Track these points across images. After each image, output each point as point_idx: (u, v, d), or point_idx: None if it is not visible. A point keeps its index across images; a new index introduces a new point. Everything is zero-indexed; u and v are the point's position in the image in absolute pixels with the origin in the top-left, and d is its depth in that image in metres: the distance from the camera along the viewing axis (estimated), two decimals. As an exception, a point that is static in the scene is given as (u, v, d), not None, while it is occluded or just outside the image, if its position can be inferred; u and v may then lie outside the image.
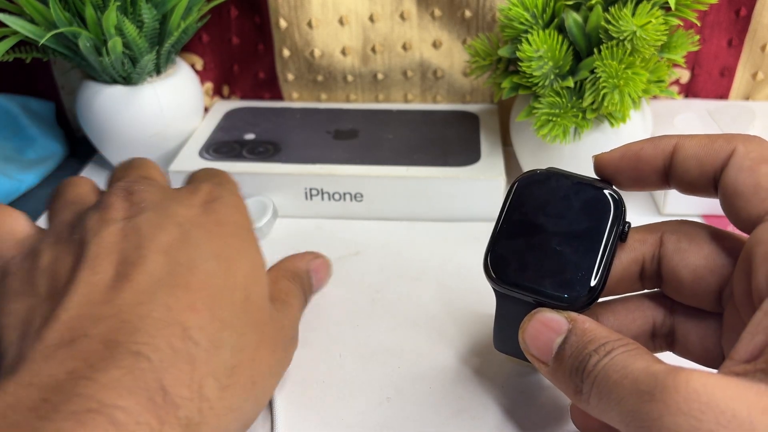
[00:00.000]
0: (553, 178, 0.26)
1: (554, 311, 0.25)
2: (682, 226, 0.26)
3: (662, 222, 0.27)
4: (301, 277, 0.33)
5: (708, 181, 0.24)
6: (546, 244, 0.25)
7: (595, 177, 0.27)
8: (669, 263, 0.26)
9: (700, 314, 0.26)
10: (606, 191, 0.26)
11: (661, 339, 0.27)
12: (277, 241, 0.42)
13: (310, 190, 0.43)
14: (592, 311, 0.26)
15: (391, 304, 0.37)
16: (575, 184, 0.26)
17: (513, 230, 0.25)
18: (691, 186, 0.24)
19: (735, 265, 0.24)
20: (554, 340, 0.24)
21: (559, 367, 0.23)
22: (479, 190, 0.42)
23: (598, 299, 0.25)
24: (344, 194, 0.43)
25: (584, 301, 0.24)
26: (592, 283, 0.24)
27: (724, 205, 0.23)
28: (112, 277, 0.24)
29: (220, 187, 0.30)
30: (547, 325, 0.24)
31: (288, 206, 0.44)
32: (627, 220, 0.25)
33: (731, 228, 0.24)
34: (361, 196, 0.43)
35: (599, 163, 0.26)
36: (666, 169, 0.25)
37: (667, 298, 0.27)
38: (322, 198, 0.43)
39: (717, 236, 0.25)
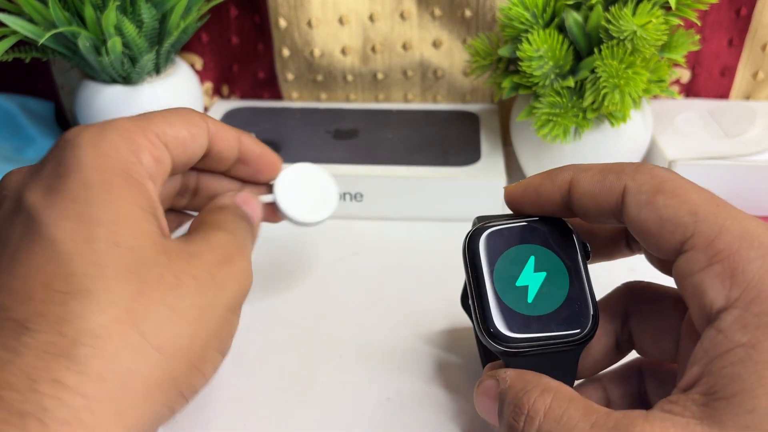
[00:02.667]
0: (501, 228, 0.26)
1: (491, 376, 0.24)
2: (639, 305, 0.27)
3: (624, 295, 0.27)
4: (228, 208, 0.28)
5: (607, 215, 0.23)
6: (532, 290, 0.25)
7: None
8: (637, 339, 0.27)
9: (651, 316, 0.26)
10: (557, 220, 0.26)
11: (624, 344, 0.27)
12: (277, 242, 0.42)
13: (310, 190, 0.43)
14: None
15: (391, 304, 0.36)
16: (525, 226, 0.25)
17: (496, 290, 0.25)
18: (594, 219, 0.24)
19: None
20: (495, 407, 0.24)
21: None
22: (479, 190, 0.42)
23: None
24: (344, 194, 0.43)
25: (593, 329, 0.24)
26: (592, 309, 0.25)
27: (639, 241, 0.23)
28: None
29: None
30: (487, 394, 0.24)
31: (288, 206, 0.44)
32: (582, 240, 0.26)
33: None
34: (361, 196, 0.43)
35: (506, 196, 0.27)
36: (566, 203, 0.25)
37: (621, 306, 0.27)
38: (322, 198, 0.43)
39: (672, 303, 0.26)
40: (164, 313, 0.22)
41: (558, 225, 0.26)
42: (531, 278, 0.25)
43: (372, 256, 0.40)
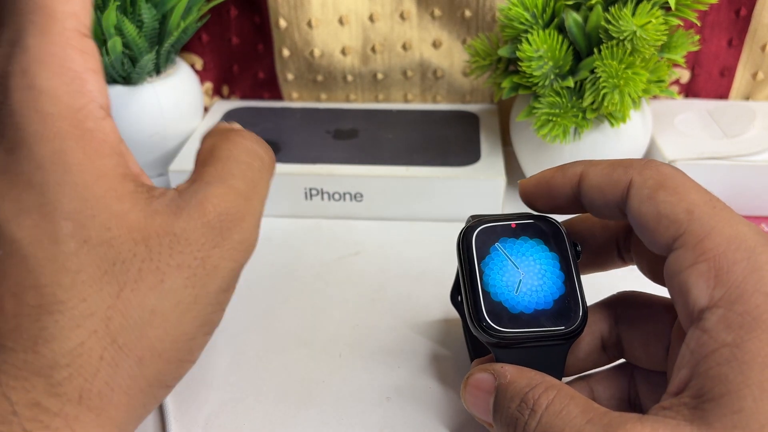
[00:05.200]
0: (494, 225, 0.26)
1: (484, 370, 0.25)
2: (629, 310, 0.27)
3: (615, 301, 0.27)
4: (228, 132, 0.24)
5: (613, 209, 0.24)
6: (523, 285, 0.25)
7: (523, 212, 0.27)
8: (627, 345, 0.27)
9: (641, 322, 0.26)
10: (548, 220, 0.26)
11: (612, 349, 0.27)
12: (277, 242, 0.42)
13: (310, 190, 0.43)
14: None
15: (391, 304, 0.37)
16: (519, 224, 0.26)
17: (488, 284, 0.25)
18: (600, 213, 0.25)
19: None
20: (488, 400, 0.24)
21: (499, 428, 0.23)
22: (479, 190, 0.42)
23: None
24: (344, 194, 0.43)
25: (581, 325, 0.25)
26: (582, 306, 0.25)
27: (638, 235, 0.23)
28: None
29: (12, 41, 0.20)
30: (479, 387, 0.24)
31: (288, 206, 0.44)
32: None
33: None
34: (361, 196, 0.43)
35: (521, 189, 0.27)
36: (576, 196, 0.25)
37: (611, 310, 0.27)
38: (322, 198, 0.43)
39: (662, 309, 0.26)
40: (145, 318, 0.20)
41: (550, 224, 0.26)
42: (522, 273, 0.25)
43: (372, 256, 0.40)
